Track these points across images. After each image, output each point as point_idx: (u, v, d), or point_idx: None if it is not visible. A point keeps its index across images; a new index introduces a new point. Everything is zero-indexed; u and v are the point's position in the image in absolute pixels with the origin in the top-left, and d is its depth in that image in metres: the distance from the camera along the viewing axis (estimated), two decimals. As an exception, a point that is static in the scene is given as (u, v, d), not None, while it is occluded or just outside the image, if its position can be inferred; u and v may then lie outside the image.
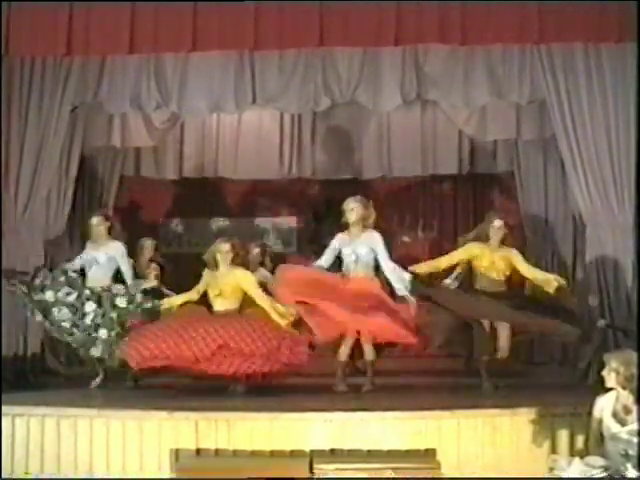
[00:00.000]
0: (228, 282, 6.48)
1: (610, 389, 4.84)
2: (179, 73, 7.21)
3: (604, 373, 4.84)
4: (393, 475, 5.23)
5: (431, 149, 9.45)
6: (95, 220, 6.98)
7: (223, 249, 6.51)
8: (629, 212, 6.85)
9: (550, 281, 6.36)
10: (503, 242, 6.62)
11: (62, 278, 6.63)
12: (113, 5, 6.61)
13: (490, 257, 6.58)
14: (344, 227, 6.73)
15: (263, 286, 6.59)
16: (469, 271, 6.74)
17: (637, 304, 6.63)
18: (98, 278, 6.78)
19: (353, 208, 6.65)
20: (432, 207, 9.95)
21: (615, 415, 4.77)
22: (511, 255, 6.59)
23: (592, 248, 6.98)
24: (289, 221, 10.06)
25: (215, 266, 6.53)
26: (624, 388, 4.77)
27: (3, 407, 5.72)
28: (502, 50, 7.05)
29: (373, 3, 6.60)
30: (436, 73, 7.17)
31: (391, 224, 9.89)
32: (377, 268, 6.63)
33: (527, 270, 6.55)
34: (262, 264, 7.50)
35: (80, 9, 6.63)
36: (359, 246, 6.61)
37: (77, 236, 8.74)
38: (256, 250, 7.53)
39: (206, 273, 6.60)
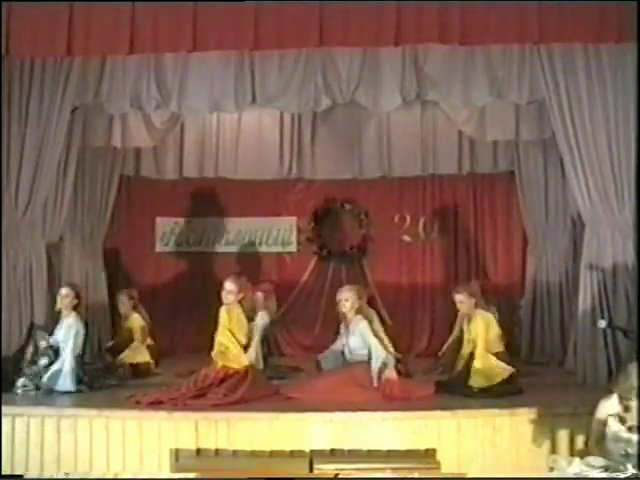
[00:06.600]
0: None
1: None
2: (179, 73, 7.20)
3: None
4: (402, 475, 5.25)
5: (431, 149, 9.45)
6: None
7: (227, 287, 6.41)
8: (629, 212, 6.84)
9: None
10: None
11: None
12: (113, 5, 6.60)
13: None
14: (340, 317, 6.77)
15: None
16: None
17: (637, 304, 6.62)
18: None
19: (348, 299, 6.66)
20: (432, 207, 9.94)
21: (617, 415, 4.79)
22: None
23: (591, 248, 6.98)
24: (289, 221, 10.06)
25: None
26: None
27: (3, 407, 5.73)
28: (502, 50, 7.04)
29: (373, 3, 6.59)
30: (436, 73, 7.16)
31: (392, 224, 9.92)
32: None
33: None
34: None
35: (80, 9, 6.62)
36: (351, 339, 6.62)
37: (77, 236, 8.76)
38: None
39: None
